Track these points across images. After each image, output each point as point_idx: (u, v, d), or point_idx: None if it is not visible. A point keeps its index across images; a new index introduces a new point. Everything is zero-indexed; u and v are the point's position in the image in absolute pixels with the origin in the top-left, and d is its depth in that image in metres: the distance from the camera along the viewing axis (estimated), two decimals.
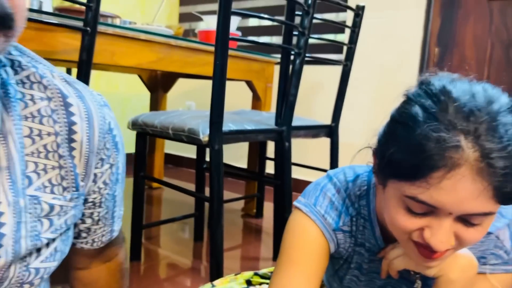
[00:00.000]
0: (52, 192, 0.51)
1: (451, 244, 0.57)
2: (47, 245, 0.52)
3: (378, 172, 0.64)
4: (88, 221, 0.62)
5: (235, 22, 2.02)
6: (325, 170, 1.89)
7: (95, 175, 0.57)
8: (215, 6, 3.13)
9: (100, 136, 0.56)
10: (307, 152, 2.59)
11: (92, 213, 0.61)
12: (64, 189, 0.53)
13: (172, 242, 1.79)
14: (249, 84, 2.04)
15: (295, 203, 0.76)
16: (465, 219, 0.56)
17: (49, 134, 0.51)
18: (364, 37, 2.28)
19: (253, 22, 2.99)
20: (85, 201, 0.59)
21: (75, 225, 0.62)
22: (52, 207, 0.51)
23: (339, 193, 0.74)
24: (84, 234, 0.63)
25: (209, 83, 3.18)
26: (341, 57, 2.51)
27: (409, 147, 0.56)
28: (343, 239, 0.74)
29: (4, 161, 0.47)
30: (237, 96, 2.59)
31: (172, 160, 3.34)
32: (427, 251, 0.59)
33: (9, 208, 0.46)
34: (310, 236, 0.72)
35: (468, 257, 0.67)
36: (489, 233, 0.70)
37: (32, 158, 0.50)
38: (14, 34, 0.43)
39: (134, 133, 1.49)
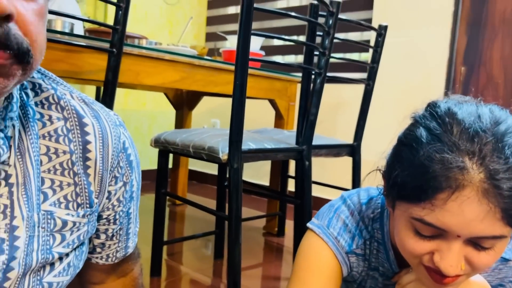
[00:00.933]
0: (66, 207, 0.54)
1: (461, 268, 0.56)
2: (60, 259, 0.54)
3: (387, 194, 0.64)
4: (103, 236, 0.64)
5: (258, 42, 2.05)
6: (347, 189, 1.87)
7: (109, 192, 0.59)
8: None
9: (114, 155, 0.58)
10: (330, 171, 2.57)
11: (106, 229, 0.63)
12: (79, 205, 0.55)
13: (193, 259, 1.80)
14: (272, 102, 2.06)
15: (308, 224, 0.76)
16: (475, 243, 0.55)
17: (64, 152, 0.54)
18: (389, 56, 2.27)
19: (277, 41, 3.03)
20: (100, 217, 0.61)
21: (90, 240, 0.64)
22: (65, 222, 0.53)
23: (353, 216, 0.74)
24: (98, 249, 0.65)
25: None
26: (364, 75, 2.50)
27: (413, 168, 0.56)
28: (356, 262, 0.74)
29: (21, 177, 0.49)
30: (260, 114, 2.61)
31: (196, 177, 3.37)
32: (438, 276, 0.58)
33: (23, 222, 0.49)
34: (322, 258, 0.72)
35: (482, 284, 0.66)
36: (508, 260, 0.68)
37: (49, 175, 0.53)
38: (32, 68, 0.45)
39: (157, 153, 1.52)
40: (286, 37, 1.29)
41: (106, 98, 1.28)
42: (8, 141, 0.48)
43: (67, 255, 0.55)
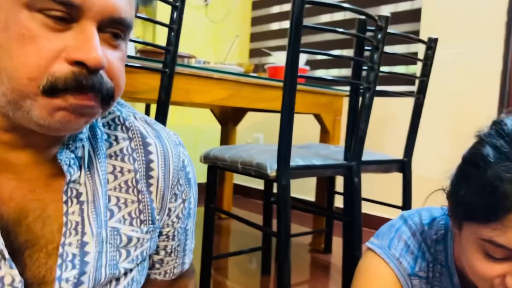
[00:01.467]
0: (131, 224, 0.56)
1: None
2: (125, 274, 0.56)
3: (453, 215, 0.62)
4: (162, 253, 0.66)
5: (304, 57, 2.06)
6: (397, 206, 1.82)
7: (169, 209, 0.61)
8: (284, 41, 3.21)
9: (175, 173, 0.60)
10: (379, 187, 2.51)
11: (165, 246, 0.65)
12: (142, 222, 0.57)
13: (240, 275, 1.81)
14: (317, 117, 2.05)
15: (367, 244, 0.75)
16: None
17: (129, 171, 0.56)
18: (438, 68, 2.21)
19: (322, 55, 3.02)
20: (160, 234, 0.63)
21: (150, 256, 0.65)
22: (130, 238, 0.55)
23: (415, 236, 0.72)
24: (157, 265, 0.67)
25: (276, 116, 3.22)
26: (412, 88, 2.44)
27: (481, 188, 0.54)
28: (419, 285, 0.71)
29: (90, 195, 0.52)
30: (305, 128, 2.60)
31: (240, 191, 3.39)
32: None
33: (93, 238, 0.51)
34: (384, 280, 0.70)
35: None
36: None
37: (114, 192, 0.55)
38: (111, 107, 0.49)
39: (205, 164, 1.55)
40: (335, 53, 1.29)
41: (159, 116, 1.32)
42: (79, 161, 0.51)
43: (131, 270, 0.57)
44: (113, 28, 0.46)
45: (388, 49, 1.57)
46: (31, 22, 0.41)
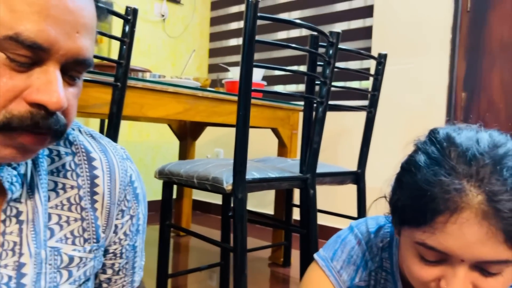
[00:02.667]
0: (73, 243, 0.54)
1: None
2: None
3: (393, 222, 0.64)
4: (109, 271, 0.63)
5: (260, 72, 2.08)
6: (352, 217, 1.86)
7: (116, 226, 0.59)
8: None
9: (121, 188, 0.59)
10: (335, 199, 2.56)
11: (113, 264, 0.63)
12: (85, 240, 0.55)
13: None
14: (275, 131, 2.07)
15: (314, 255, 0.76)
16: (482, 268, 0.55)
17: (72, 187, 0.54)
18: (389, 84, 2.30)
19: (279, 71, 3.07)
20: (106, 252, 0.61)
21: (96, 276, 0.63)
22: (71, 258, 0.53)
23: (359, 245, 0.73)
24: (105, 285, 0.65)
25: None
26: (366, 103, 2.52)
27: (412, 192, 0.56)
28: None
29: (30, 214, 0.50)
30: (263, 142, 2.62)
31: (200, 207, 3.35)
32: None
33: (31, 259, 0.49)
34: None
35: None
36: None
37: (56, 210, 0.53)
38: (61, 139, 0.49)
39: (161, 184, 1.52)
40: (288, 68, 1.31)
41: (111, 130, 1.29)
42: (21, 178, 0.49)
43: None
44: (76, 70, 0.46)
45: (342, 65, 1.62)
46: None
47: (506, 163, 0.54)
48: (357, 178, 1.80)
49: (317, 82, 1.49)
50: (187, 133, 2.63)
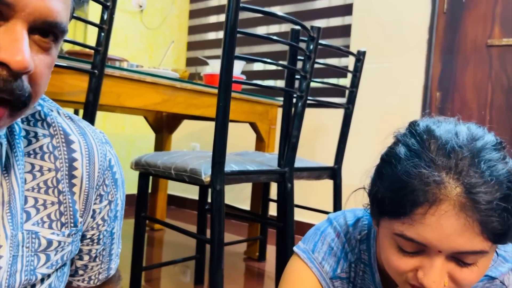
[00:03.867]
0: (50, 227, 0.52)
1: (444, 284, 0.56)
2: (42, 280, 0.52)
3: (372, 212, 0.64)
4: (86, 257, 0.62)
5: (240, 66, 2.07)
6: (328, 212, 1.88)
7: (94, 211, 0.58)
8: (220, 51, 3.22)
9: (100, 172, 0.57)
10: (310, 194, 2.58)
11: (90, 250, 0.61)
12: (63, 224, 0.53)
13: (172, 285, 1.75)
14: (253, 125, 2.06)
15: (294, 248, 0.76)
16: (458, 258, 0.56)
17: (49, 170, 0.52)
18: (367, 82, 2.33)
19: (258, 66, 3.07)
20: (83, 237, 0.59)
21: (72, 262, 0.61)
22: (50, 242, 0.51)
23: (339, 238, 0.74)
24: (81, 272, 0.63)
25: (213, 124, 3.21)
26: (344, 100, 2.55)
27: (392, 183, 0.57)
28: (341, 286, 0.73)
29: (6, 195, 0.48)
30: (241, 137, 2.61)
31: (175, 201, 3.32)
32: None
33: (7, 241, 0.47)
34: (306, 284, 0.71)
35: None
36: (493, 278, 0.69)
37: (32, 193, 0.51)
38: (20, 116, 0.45)
39: (137, 174, 1.49)
40: (270, 61, 1.31)
41: (86, 119, 1.26)
42: None
43: (48, 276, 0.53)
44: (47, 34, 0.43)
45: (320, 61, 1.63)
46: None
47: (483, 156, 0.55)
48: (334, 173, 1.82)
49: (296, 76, 1.50)
50: (163, 126, 2.60)
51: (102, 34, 1.26)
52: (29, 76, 0.42)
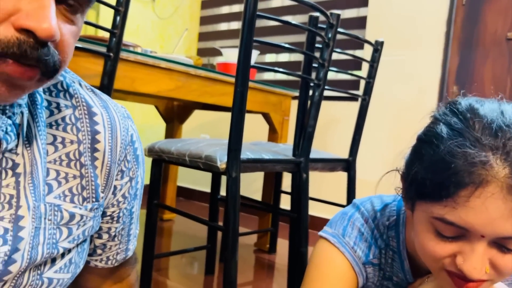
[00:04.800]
0: (72, 201, 0.50)
1: (485, 272, 0.53)
2: (62, 255, 0.51)
3: (406, 196, 0.61)
4: (105, 236, 0.60)
5: (254, 56, 2.04)
6: (342, 205, 1.85)
7: (115, 187, 0.56)
8: (231, 42, 3.19)
9: (122, 147, 0.55)
10: (323, 187, 2.54)
11: (109, 228, 0.59)
12: (84, 199, 0.51)
13: (183, 275, 1.74)
14: (266, 116, 2.04)
15: (321, 233, 0.73)
16: (501, 244, 0.53)
17: (72, 142, 0.50)
18: (382, 74, 2.29)
19: (270, 58, 3.04)
20: (103, 214, 0.57)
21: (91, 241, 0.60)
22: (72, 215, 0.50)
23: (367, 223, 0.71)
24: (99, 251, 0.61)
25: (224, 116, 3.18)
26: (357, 93, 2.51)
27: (434, 164, 0.54)
28: (372, 272, 0.70)
29: (28, 166, 0.46)
30: (253, 128, 2.58)
31: (183, 193, 3.30)
32: (461, 280, 0.55)
33: (29, 212, 0.45)
34: (338, 269, 0.68)
35: None
36: None
37: (54, 165, 0.49)
38: (51, 81, 0.45)
39: (149, 163, 1.47)
40: (288, 46, 1.28)
41: None
42: (16, 129, 0.45)
43: (69, 251, 0.51)
44: (73, 1, 0.41)
45: (338, 50, 1.60)
46: None
47: None
48: (348, 165, 1.78)
49: (314, 65, 1.47)
50: (174, 115, 2.58)
51: (118, 16, 1.24)
52: (55, 44, 0.41)
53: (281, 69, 1.32)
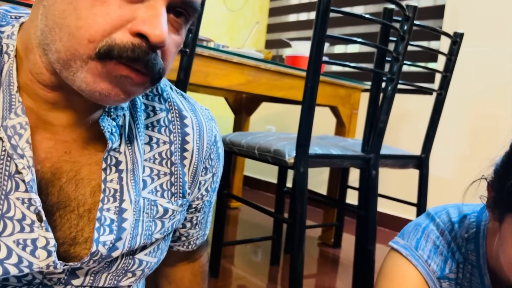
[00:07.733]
0: (162, 196, 0.55)
1: None
2: (152, 243, 0.56)
3: (494, 207, 0.58)
4: (188, 225, 0.66)
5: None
6: (412, 203, 1.79)
7: (200, 182, 0.61)
8: (300, 33, 3.17)
9: (207, 147, 0.60)
10: (390, 182, 2.48)
11: (192, 218, 0.65)
12: (172, 194, 0.56)
13: (249, 263, 1.79)
14: (334, 109, 2.01)
15: (392, 243, 0.71)
16: None
17: (164, 142, 0.56)
18: (458, 67, 2.16)
19: (339, 49, 2.98)
20: (189, 207, 0.63)
21: (175, 230, 0.66)
22: (166, 210, 0.55)
23: (443, 236, 0.68)
24: (183, 238, 0.67)
25: (290, 108, 3.18)
26: (431, 86, 2.39)
27: None
28: (449, 287, 0.68)
29: (130, 164, 0.51)
30: (320, 121, 2.56)
31: (249, 182, 3.37)
32: None
33: (131, 206, 0.50)
34: (411, 283, 0.66)
35: None
36: None
37: (149, 163, 0.54)
38: (154, 87, 0.49)
39: None
40: (361, 40, 1.25)
41: None
42: (119, 130, 0.50)
43: (157, 240, 0.57)
44: (181, 12, 0.45)
45: (413, 43, 1.54)
46: None
47: None
48: (421, 163, 1.72)
49: (387, 59, 1.43)
50: (243, 107, 2.63)
51: None
52: (162, 52, 0.44)
53: (352, 64, 1.30)
